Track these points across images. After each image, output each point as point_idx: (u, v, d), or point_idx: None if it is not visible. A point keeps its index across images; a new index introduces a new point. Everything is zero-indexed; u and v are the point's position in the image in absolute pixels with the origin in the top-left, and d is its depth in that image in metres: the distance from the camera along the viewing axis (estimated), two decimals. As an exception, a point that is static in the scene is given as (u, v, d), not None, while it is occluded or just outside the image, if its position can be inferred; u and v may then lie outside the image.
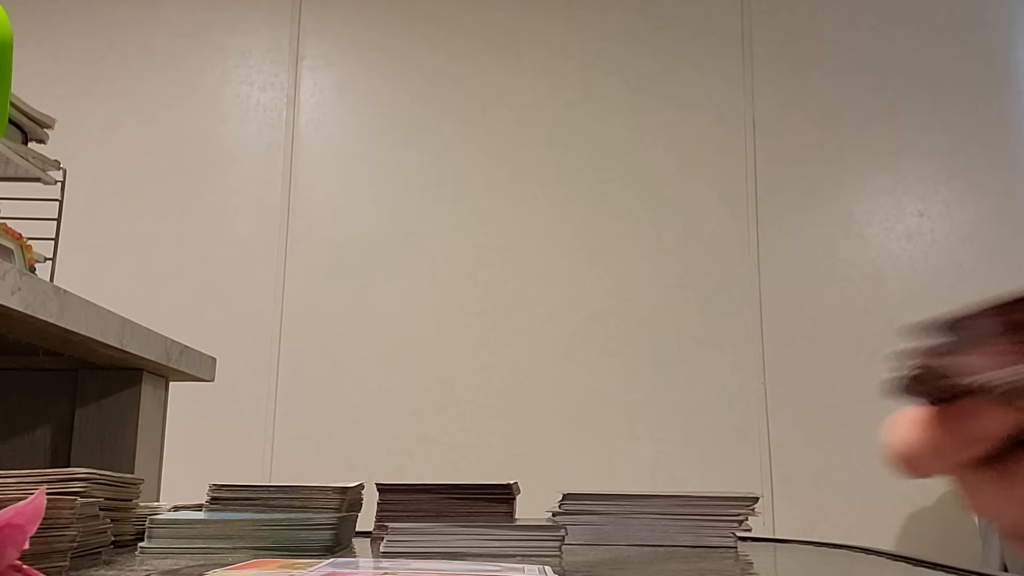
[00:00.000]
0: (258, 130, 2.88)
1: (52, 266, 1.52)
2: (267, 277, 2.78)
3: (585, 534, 1.06)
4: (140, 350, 1.30)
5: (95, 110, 2.88)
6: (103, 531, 0.83)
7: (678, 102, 2.85)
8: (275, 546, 0.89)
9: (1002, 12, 2.88)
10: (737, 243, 2.75)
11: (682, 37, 2.88)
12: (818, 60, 2.86)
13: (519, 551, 0.92)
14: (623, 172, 2.81)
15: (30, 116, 1.43)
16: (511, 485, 1.02)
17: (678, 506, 1.06)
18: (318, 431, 2.69)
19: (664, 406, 2.66)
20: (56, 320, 1.04)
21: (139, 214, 2.82)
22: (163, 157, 2.86)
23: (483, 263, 2.77)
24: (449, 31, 2.90)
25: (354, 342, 2.73)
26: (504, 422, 2.67)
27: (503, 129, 2.84)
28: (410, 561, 0.79)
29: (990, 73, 2.84)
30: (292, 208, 2.82)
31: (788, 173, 2.79)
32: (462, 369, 2.71)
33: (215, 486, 0.97)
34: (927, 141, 2.81)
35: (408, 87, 2.88)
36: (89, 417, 1.40)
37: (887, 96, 2.83)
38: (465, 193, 2.81)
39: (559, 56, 2.88)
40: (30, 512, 0.47)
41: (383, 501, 1.04)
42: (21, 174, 1.40)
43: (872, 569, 0.87)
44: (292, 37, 2.93)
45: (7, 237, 1.37)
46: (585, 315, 2.73)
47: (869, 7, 2.88)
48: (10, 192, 1.52)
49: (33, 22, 2.90)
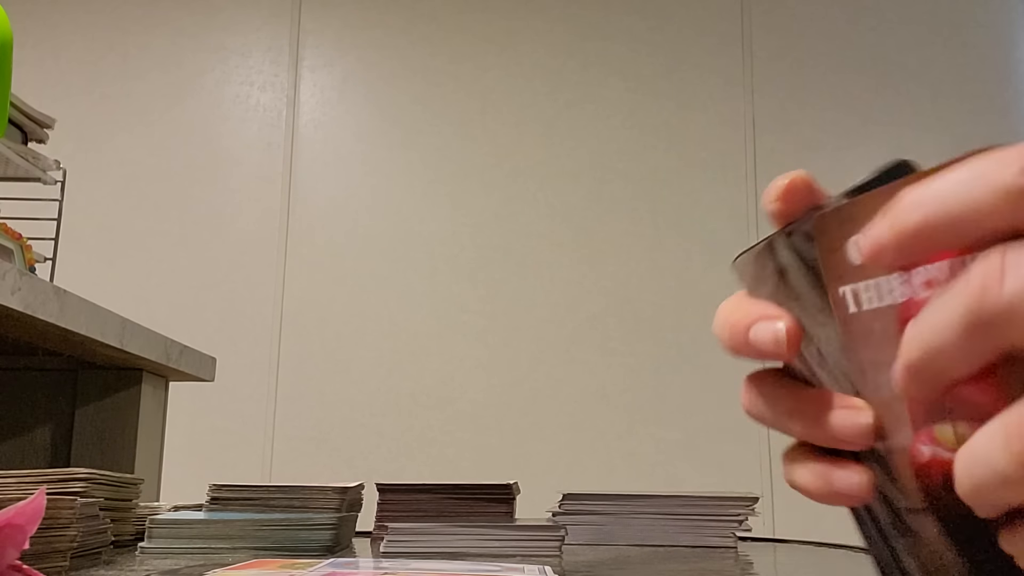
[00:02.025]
0: (258, 130, 2.88)
1: (52, 266, 1.52)
2: (267, 277, 2.78)
3: (585, 534, 1.06)
4: (140, 350, 1.30)
5: (95, 110, 2.88)
6: (103, 531, 0.83)
7: (678, 102, 2.85)
8: (275, 546, 0.89)
9: (1002, 12, 2.88)
10: (737, 243, 2.74)
11: (682, 37, 2.88)
12: (818, 60, 2.86)
13: (519, 551, 0.92)
14: (623, 172, 2.81)
15: (30, 116, 1.43)
16: (511, 485, 1.02)
17: (678, 506, 1.06)
18: (318, 431, 2.69)
19: (664, 406, 2.66)
20: (56, 320, 1.04)
21: (139, 214, 2.82)
22: (163, 157, 2.86)
23: (483, 263, 2.77)
24: (449, 31, 2.90)
25: (354, 342, 2.73)
26: (504, 422, 2.67)
27: (503, 129, 2.84)
28: (410, 561, 0.79)
29: (990, 73, 2.84)
30: (292, 208, 2.82)
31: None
32: (462, 369, 2.71)
33: (215, 486, 0.97)
34: (927, 141, 2.81)
35: (408, 87, 2.88)
36: (89, 417, 1.40)
37: (887, 96, 2.83)
38: (465, 193, 2.81)
39: (559, 56, 2.88)
40: (30, 512, 0.47)
41: (383, 501, 1.04)
42: (21, 174, 1.40)
43: (872, 569, 0.87)
44: (292, 37, 2.93)
45: (7, 237, 1.37)
46: (585, 315, 2.73)
47: (869, 7, 2.88)
48: (10, 192, 1.52)
49: (33, 22, 2.90)
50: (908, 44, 2.86)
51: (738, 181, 2.79)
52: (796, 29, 2.88)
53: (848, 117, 2.82)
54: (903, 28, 2.87)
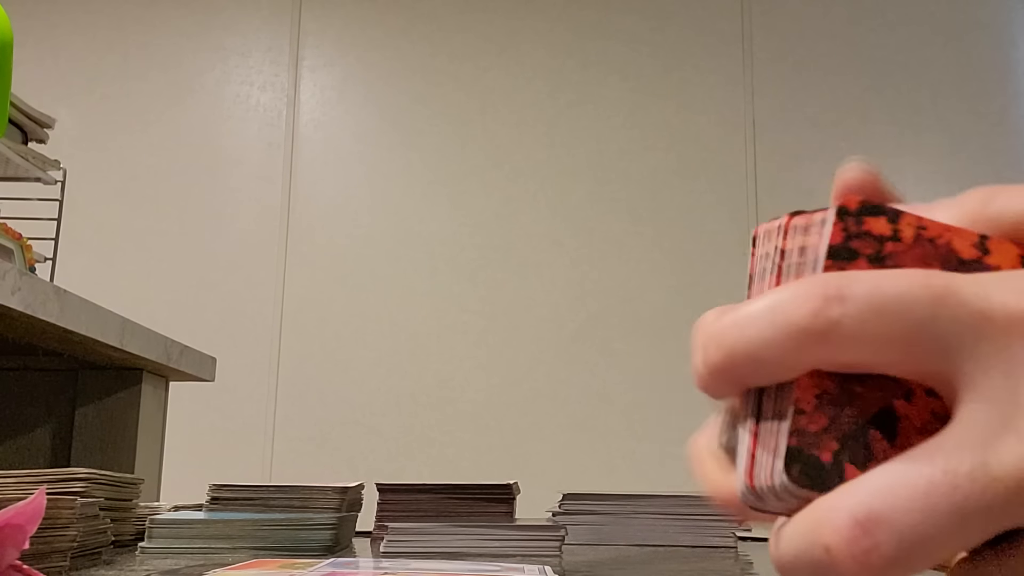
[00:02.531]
0: (258, 130, 2.88)
1: (52, 266, 1.53)
2: (267, 277, 2.78)
3: (585, 534, 1.06)
4: (140, 350, 1.30)
5: (95, 110, 2.88)
6: (103, 531, 0.83)
7: (678, 102, 2.85)
8: (275, 546, 0.89)
9: (1001, 12, 2.89)
10: (737, 243, 2.75)
11: (682, 37, 2.88)
12: (818, 60, 2.86)
13: (519, 551, 0.92)
14: (623, 172, 2.81)
15: (30, 116, 1.43)
16: (511, 485, 1.02)
17: (678, 506, 1.06)
18: (318, 431, 2.69)
19: (664, 406, 2.65)
20: (56, 320, 1.04)
21: (139, 214, 2.82)
22: (163, 157, 2.86)
23: (483, 263, 2.77)
24: (449, 32, 2.90)
25: (354, 342, 2.73)
26: (504, 422, 2.67)
27: (503, 129, 2.84)
28: (410, 561, 0.79)
29: (990, 73, 2.84)
30: (292, 208, 2.82)
31: (788, 173, 2.79)
32: (462, 369, 2.71)
33: (215, 486, 0.97)
34: (927, 141, 2.81)
35: (408, 88, 2.88)
36: (89, 417, 1.40)
37: (887, 96, 2.83)
38: (465, 193, 2.81)
39: (559, 56, 2.88)
40: (30, 512, 0.47)
41: (383, 501, 1.04)
42: (21, 174, 1.40)
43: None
44: (292, 37, 2.93)
45: (7, 237, 1.37)
46: (585, 315, 2.73)
47: (869, 7, 2.88)
48: (10, 192, 1.52)
49: (33, 22, 2.90)
50: (908, 44, 2.86)
51: (738, 181, 2.79)
52: (796, 29, 2.88)
53: (848, 117, 2.82)
54: (903, 28, 2.87)
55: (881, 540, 0.19)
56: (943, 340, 0.20)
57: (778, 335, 0.20)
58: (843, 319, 0.20)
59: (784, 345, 0.20)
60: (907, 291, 0.20)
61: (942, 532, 0.19)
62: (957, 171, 2.78)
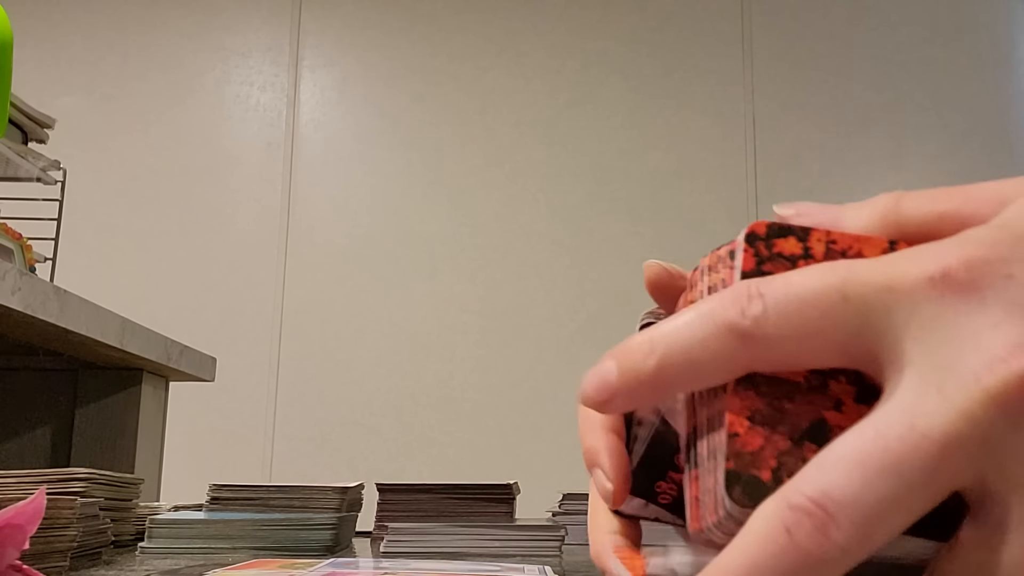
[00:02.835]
0: (258, 130, 2.88)
1: (52, 266, 1.53)
2: (267, 277, 2.78)
3: (585, 534, 1.06)
4: (140, 350, 1.30)
5: (95, 110, 2.88)
6: (103, 531, 0.83)
7: (678, 102, 2.85)
8: (275, 546, 0.89)
9: (1002, 12, 2.88)
10: (737, 243, 2.74)
11: (682, 37, 2.88)
12: (818, 60, 2.86)
13: (519, 551, 0.92)
14: (623, 172, 2.81)
15: (30, 116, 1.43)
16: (511, 485, 1.02)
17: (678, 506, 1.06)
18: (318, 431, 2.69)
19: (664, 406, 2.65)
20: (56, 320, 1.04)
21: (139, 214, 2.82)
22: (163, 157, 2.86)
23: (483, 263, 2.77)
24: (449, 32, 2.90)
25: (354, 342, 2.73)
26: (504, 422, 2.67)
27: (503, 129, 2.84)
28: (410, 561, 0.79)
29: (990, 73, 2.84)
30: (292, 208, 2.82)
31: (788, 173, 2.79)
32: (462, 369, 2.71)
33: (215, 486, 0.97)
34: (927, 141, 2.81)
35: (408, 88, 2.88)
36: (89, 417, 1.40)
37: (887, 96, 2.83)
38: (465, 193, 2.81)
39: (559, 56, 2.88)
40: (30, 512, 0.47)
41: (383, 501, 1.04)
42: (21, 174, 1.40)
43: (872, 569, 0.87)
44: (292, 37, 2.93)
45: (7, 237, 1.37)
46: (585, 315, 2.73)
47: (869, 7, 2.88)
48: (10, 192, 1.52)
49: (33, 22, 2.90)
50: (908, 44, 2.86)
51: (738, 181, 2.79)
52: (796, 29, 2.88)
53: (848, 117, 2.82)
54: (903, 28, 2.87)
55: (834, 512, 0.19)
56: (857, 319, 0.21)
57: (709, 336, 0.22)
58: (766, 312, 0.21)
59: (716, 345, 0.22)
60: (816, 281, 0.21)
61: (887, 497, 0.19)
62: (957, 171, 2.78)
